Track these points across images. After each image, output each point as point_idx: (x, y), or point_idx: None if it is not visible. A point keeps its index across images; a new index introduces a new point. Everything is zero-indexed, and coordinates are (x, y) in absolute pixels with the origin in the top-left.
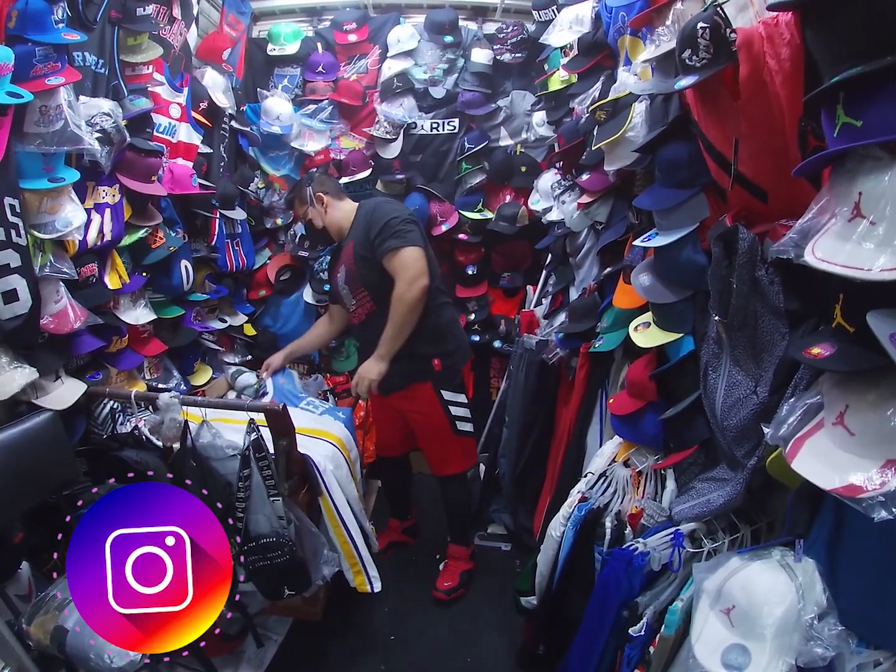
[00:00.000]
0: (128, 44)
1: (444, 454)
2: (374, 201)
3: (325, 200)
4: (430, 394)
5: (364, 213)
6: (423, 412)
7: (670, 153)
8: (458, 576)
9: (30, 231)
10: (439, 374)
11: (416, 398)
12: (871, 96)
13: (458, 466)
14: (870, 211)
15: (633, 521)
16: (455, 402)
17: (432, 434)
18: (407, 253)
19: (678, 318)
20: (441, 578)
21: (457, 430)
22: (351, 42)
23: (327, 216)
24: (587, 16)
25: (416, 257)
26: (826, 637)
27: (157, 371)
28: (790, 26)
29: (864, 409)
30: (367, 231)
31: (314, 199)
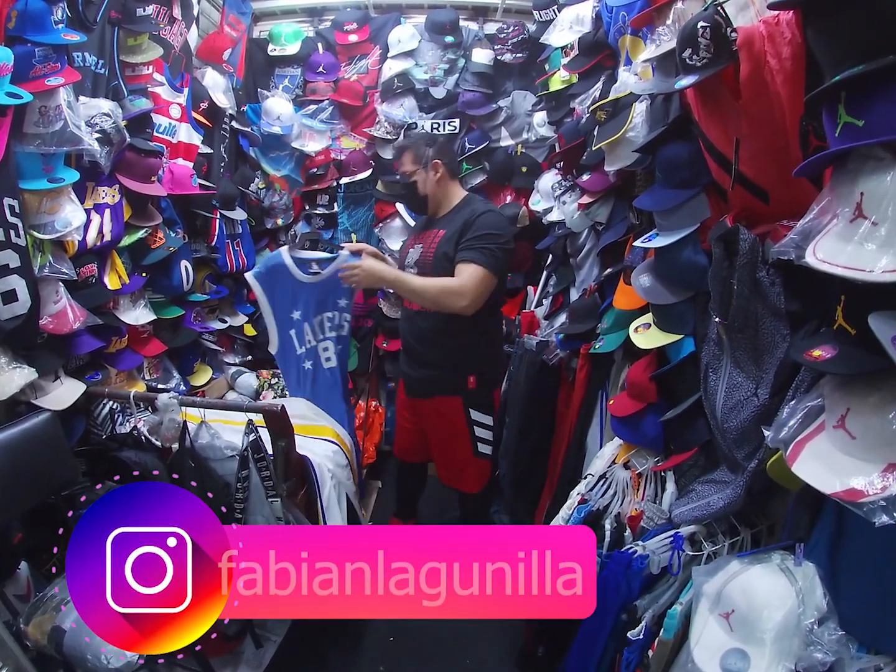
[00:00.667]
0: (128, 44)
1: (458, 472)
2: (487, 205)
3: (440, 171)
4: (458, 409)
5: (470, 212)
6: (445, 425)
7: (671, 153)
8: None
9: (29, 231)
10: (472, 391)
11: (441, 410)
12: (872, 96)
13: (472, 487)
14: (872, 212)
15: (633, 523)
16: (481, 423)
17: (449, 449)
18: (481, 274)
19: (679, 320)
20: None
21: (477, 452)
22: (351, 42)
23: (434, 187)
24: (588, 16)
25: (486, 284)
26: (826, 642)
27: (157, 371)
28: (791, 25)
29: (865, 412)
30: (463, 232)
31: (430, 164)
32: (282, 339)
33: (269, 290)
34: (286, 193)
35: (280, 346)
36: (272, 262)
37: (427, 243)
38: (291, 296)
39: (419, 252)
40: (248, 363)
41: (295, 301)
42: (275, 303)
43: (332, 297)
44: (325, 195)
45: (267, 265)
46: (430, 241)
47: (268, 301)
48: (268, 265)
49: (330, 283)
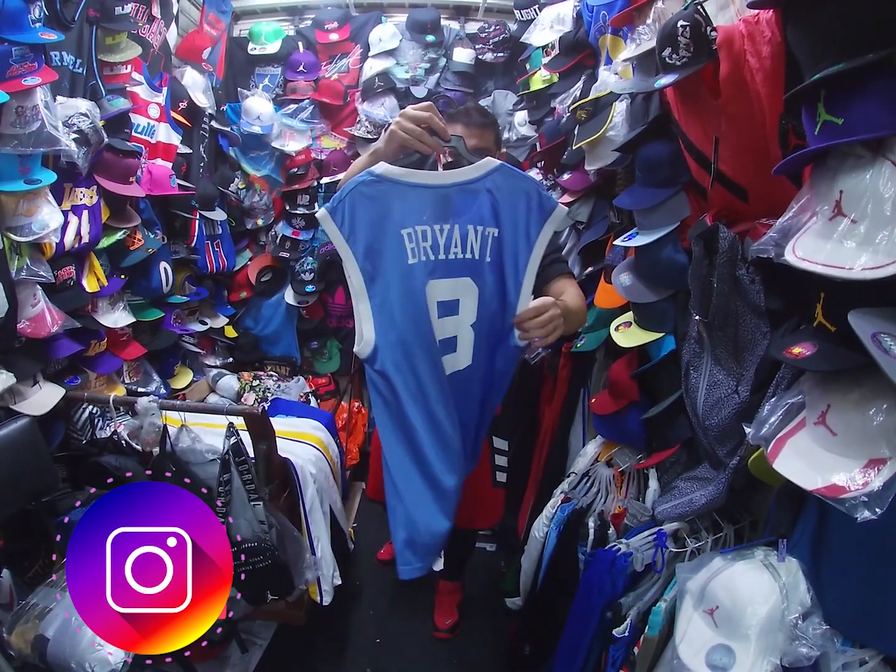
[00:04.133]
0: (106, 43)
1: (475, 506)
2: None
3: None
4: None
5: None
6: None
7: (651, 152)
8: (455, 609)
9: (6, 234)
10: (497, 418)
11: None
12: (852, 94)
13: (486, 522)
14: (851, 209)
15: (617, 521)
16: (501, 449)
17: (468, 483)
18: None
19: (659, 318)
20: (439, 617)
21: (496, 482)
22: (332, 41)
23: None
24: (568, 15)
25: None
26: (811, 636)
27: (137, 375)
28: (771, 24)
29: (846, 408)
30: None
31: (499, 154)
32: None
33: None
34: (266, 194)
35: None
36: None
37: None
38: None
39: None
40: (228, 365)
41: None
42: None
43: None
44: (306, 195)
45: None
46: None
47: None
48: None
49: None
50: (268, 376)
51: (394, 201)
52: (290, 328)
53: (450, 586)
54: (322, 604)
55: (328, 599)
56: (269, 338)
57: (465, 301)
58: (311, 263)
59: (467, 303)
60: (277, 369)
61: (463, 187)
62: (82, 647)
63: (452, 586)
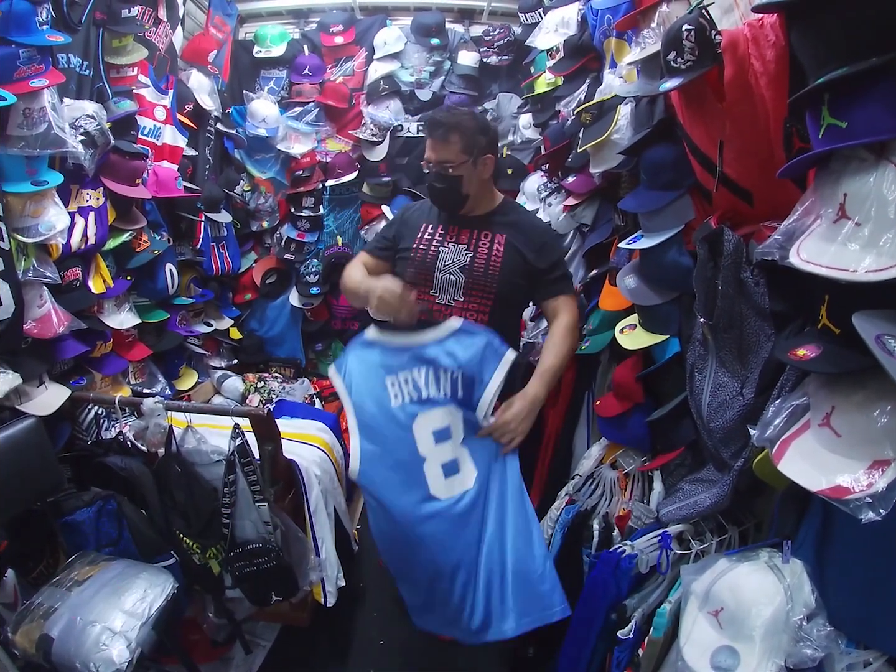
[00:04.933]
0: (112, 45)
1: None
2: (536, 215)
3: (489, 169)
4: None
5: (531, 224)
6: None
7: (655, 155)
8: None
9: (13, 235)
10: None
11: None
12: (856, 97)
13: None
14: (855, 212)
15: (621, 523)
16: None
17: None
18: (576, 302)
19: (664, 320)
20: None
21: None
22: (337, 44)
23: (479, 187)
24: (573, 18)
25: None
26: (815, 638)
27: (142, 376)
28: (775, 28)
29: (850, 410)
30: (542, 247)
31: (481, 159)
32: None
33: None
34: (271, 196)
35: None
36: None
37: (481, 248)
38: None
39: (468, 256)
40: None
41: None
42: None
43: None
44: (311, 197)
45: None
46: (484, 245)
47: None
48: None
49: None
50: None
51: (381, 358)
52: (294, 330)
53: None
54: (326, 605)
55: (332, 601)
56: (273, 339)
57: (454, 425)
58: (316, 266)
59: (456, 425)
60: (282, 371)
61: (433, 343)
62: (87, 646)
63: None
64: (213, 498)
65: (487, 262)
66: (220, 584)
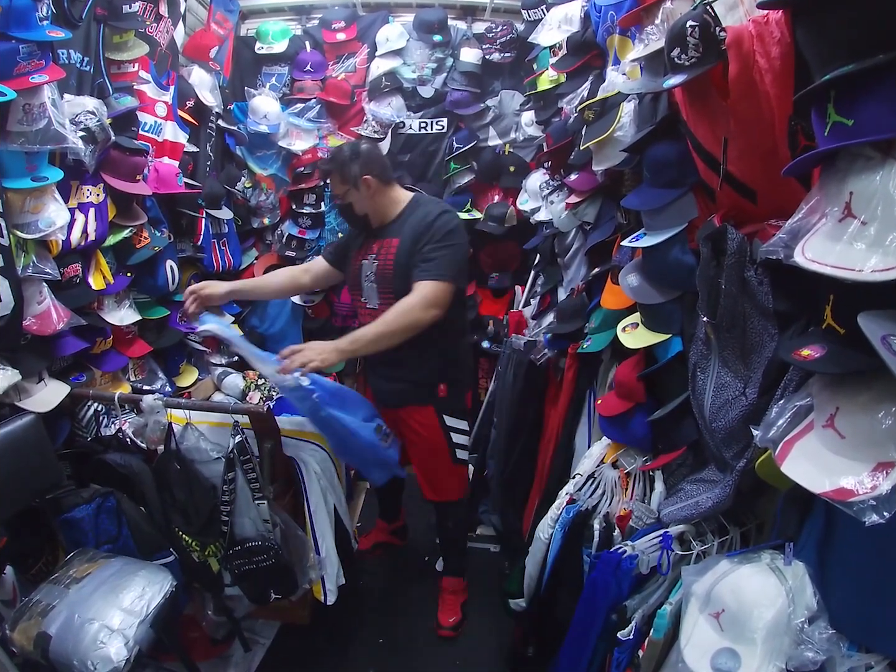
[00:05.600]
0: (113, 41)
1: (439, 481)
2: (437, 207)
3: (373, 185)
4: (431, 417)
5: (423, 214)
6: (421, 433)
7: (658, 153)
8: (459, 608)
9: (12, 231)
10: (444, 399)
11: (414, 418)
12: (862, 95)
13: (453, 495)
14: (861, 211)
15: (622, 523)
16: (457, 428)
17: (429, 457)
18: (440, 287)
19: (666, 319)
20: (443, 615)
21: (455, 459)
22: (339, 41)
23: (372, 203)
24: (576, 15)
25: (446, 291)
26: (817, 641)
27: (142, 372)
28: (780, 24)
29: (854, 411)
30: (420, 238)
31: (359, 183)
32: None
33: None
34: (273, 192)
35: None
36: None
37: (382, 254)
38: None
39: (375, 264)
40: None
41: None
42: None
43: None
44: (312, 194)
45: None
46: (385, 251)
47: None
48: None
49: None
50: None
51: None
52: (295, 327)
53: (452, 583)
54: (326, 603)
55: (332, 599)
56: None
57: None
58: None
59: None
60: None
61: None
62: (85, 644)
63: (455, 583)
64: (212, 495)
65: (386, 266)
66: (220, 582)
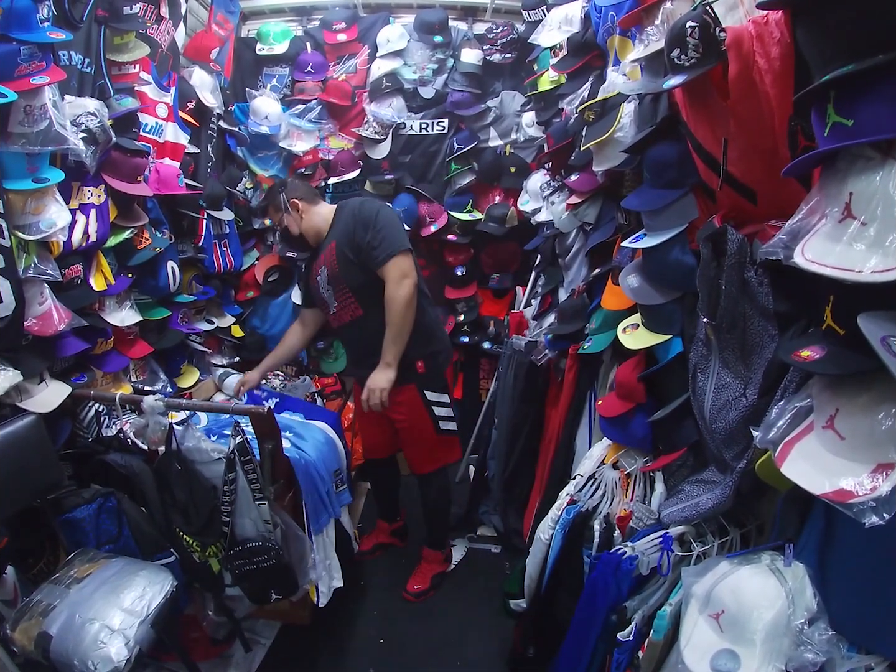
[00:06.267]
0: (114, 43)
1: (425, 453)
2: (357, 201)
3: (301, 206)
4: (414, 395)
5: (348, 214)
6: (407, 414)
7: (659, 153)
8: (429, 579)
9: (14, 232)
10: (423, 375)
11: (400, 400)
12: (862, 95)
13: (439, 462)
14: (861, 211)
15: (622, 524)
16: (439, 402)
17: (416, 435)
18: (400, 260)
19: (667, 320)
20: (412, 580)
21: (440, 430)
22: (340, 42)
23: (303, 222)
24: (577, 16)
25: (407, 261)
26: (816, 642)
27: (143, 373)
28: (780, 25)
29: (854, 412)
30: (353, 233)
31: (289, 206)
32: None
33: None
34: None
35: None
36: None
37: (328, 261)
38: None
39: (325, 272)
40: (235, 364)
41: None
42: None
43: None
44: None
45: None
46: (328, 256)
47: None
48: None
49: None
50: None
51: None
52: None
53: (430, 554)
54: (318, 605)
55: (324, 601)
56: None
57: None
58: None
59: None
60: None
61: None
62: (85, 644)
63: (433, 555)
64: (212, 496)
65: (333, 267)
66: (220, 582)
